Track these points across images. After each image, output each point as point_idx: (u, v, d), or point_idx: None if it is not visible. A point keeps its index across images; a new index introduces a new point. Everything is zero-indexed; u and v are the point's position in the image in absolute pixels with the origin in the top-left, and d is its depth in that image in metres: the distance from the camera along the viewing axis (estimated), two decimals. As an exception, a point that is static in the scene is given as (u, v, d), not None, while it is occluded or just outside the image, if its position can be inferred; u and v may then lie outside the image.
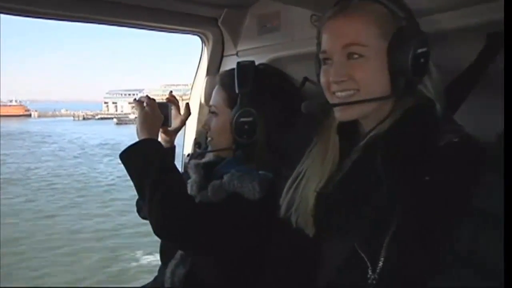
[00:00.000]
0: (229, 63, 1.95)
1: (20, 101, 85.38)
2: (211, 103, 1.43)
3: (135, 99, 1.37)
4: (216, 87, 1.42)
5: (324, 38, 0.97)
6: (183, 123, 1.48)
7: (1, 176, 16.82)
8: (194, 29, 1.97)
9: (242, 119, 1.29)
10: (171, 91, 1.48)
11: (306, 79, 1.59)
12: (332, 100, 0.97)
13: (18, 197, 14.52)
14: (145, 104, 1.33)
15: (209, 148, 1.48)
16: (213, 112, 1.41)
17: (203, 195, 1.31)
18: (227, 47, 2.01)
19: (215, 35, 1.99)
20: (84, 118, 73.31)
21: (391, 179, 0.84)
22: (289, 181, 1.07)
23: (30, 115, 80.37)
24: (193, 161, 1.47)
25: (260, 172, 1.28)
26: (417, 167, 0.84)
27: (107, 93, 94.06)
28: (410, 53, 0.89)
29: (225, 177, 1.28)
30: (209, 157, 1.49)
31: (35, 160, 23.03)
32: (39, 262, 8.95)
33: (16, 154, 25.04)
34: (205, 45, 2.03)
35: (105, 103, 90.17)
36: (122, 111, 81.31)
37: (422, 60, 0.91)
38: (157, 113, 1.33)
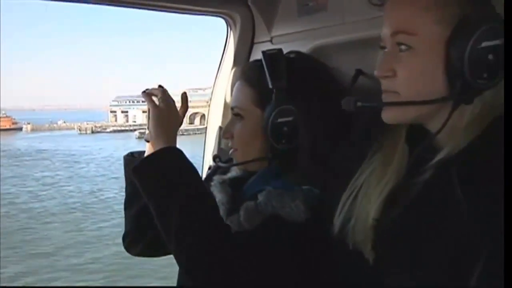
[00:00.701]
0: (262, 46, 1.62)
1: (4, 111, 73.35)
2: (233, 104, 1.22)
3: (144, 91, 1.13)
4: (238, 84, 1.22)
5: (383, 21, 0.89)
6: (181, 120, 1.20)
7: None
8: (218, 10, 1.71)
9: (280, 120, 1.11)
10: (184, 93, 1.18)
11: (359, 72, 1.35)
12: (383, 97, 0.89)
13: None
14: (159, 98, 1.13)
15: (234, 161, 1.23)
16: (236, 115, 1.20)
17: (234, 220, 1.12)
18: (258, 32, 1.72)
19: (244, 17, 1.71)
20: (92, 131, 61.71)
21: (474, 205, 0.75)
22: (345, 194, 0.97)
23: (21, 129, 67.31)
24: (217, 178, 1.24)
25: (303, 187, 1.09)
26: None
27: (114, 100, 78.88)
28: (475, 48, 0.79)
29: (260, 197, 1.09)
30: (235, 171, 1.28)
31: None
32: None
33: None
34: (231, 30, 1.76)
35: (112, 112, 74.38)
36: (134, 121, 67.12)
37: (490, 56, 0.80)
38: (174, 110, 1.14)
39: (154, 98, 1.13)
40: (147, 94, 1.13)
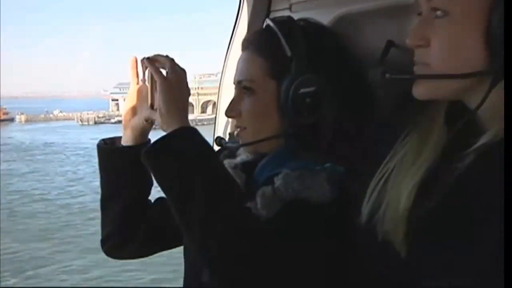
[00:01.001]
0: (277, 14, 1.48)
1: None
2: (240, 77, 1.09)
3: (146, 58, 1.02)
4: (245, 54, 1.10)
5: None
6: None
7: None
8: None
9: (302, 90, 1.00)
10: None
11: (391, 43, 1.16)
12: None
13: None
14: (167, 68, 0.99)
15: (241, 141, 1.10)
16: (246, 88, 1.06)
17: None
18: None
19: None
20: (95, 122, 57.83)
21: None
22: (374, 178, 0.88)
23: (12, 119, 63.21)
24: (227, 162, 1.11)
25: (326, 165, 0.99)
26: None
27: (115, 87, 73.92)
28: None
29: (278, 181, 0.98)
30: (244, 154, 1.15)
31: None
32: None
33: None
34: None
35: (114, 100, 68.93)
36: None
37: None
38: (186, 84, 1.02)
39: (162, 69, 1.00)
40: (152, 61, 1.00)
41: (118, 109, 66.75)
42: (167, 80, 0.97)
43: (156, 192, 1.12)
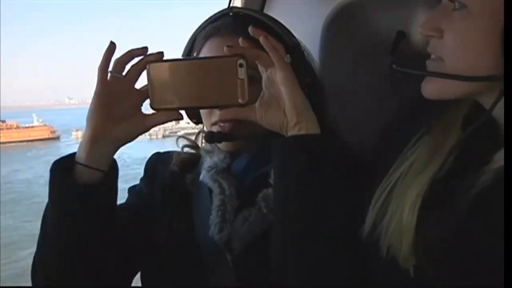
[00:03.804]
0: (276, 7, 1.34)
1: (41, 119, 59.05)
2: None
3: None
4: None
5: None
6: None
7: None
8: None
9: None
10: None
11: (401, 34, 1.08)
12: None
13: None
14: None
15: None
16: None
17: (252, 214, 0.92)
18: None
19: None
20: (163, 136, 52.64)
21: None
22: (380, 187, 0.82)
23: (58, 138, 55.84)
24: (213, 171, 0.98)
25: None
26: None
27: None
28: None
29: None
30: (217, 156, 1.00)
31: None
32: None
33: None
34: None
35: None
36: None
37: None
38: None
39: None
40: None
41: (178, 123, 63.63)
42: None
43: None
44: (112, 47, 0.81)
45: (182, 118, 0.85)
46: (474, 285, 0.67)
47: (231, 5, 1.51)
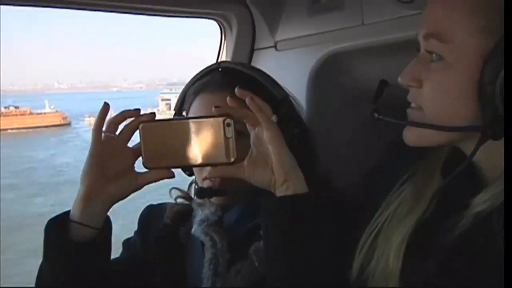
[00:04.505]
0: (264, 60, 1.39)
1: (53, 106, 57.93)
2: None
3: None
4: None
5: None
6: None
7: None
8: (209, 11, 1.44)
9: None
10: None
11: (384, 83, 1.10)
12: None
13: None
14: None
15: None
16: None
17: (244, 267, 0.92)
18: (259, 36, 1.46)
19: (242, 18, 1.44)
20: None
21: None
22: (366, 231, 0.84)
23: (69, 124, 54.63)
24: (204, 224, 0.99)
25: None
26: None
27: (166, 87, 64.51)
28: None
29: None
30: (208, 209, 1.01)
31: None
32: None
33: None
34: (225, 34, 1.50)
35: (164, 100, 57.63)
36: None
37: None
38: None
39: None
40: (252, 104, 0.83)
41: (169, 109, 59.92)
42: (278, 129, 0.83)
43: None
44: (106, 108, 0.83)
45: (174, 176, 0.87)
46: None
47: (219, 59, 1.55)
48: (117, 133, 0.84)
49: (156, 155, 0.83)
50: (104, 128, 0.82)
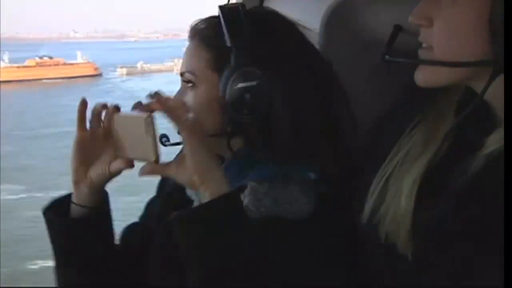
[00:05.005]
0: (275, 5, 1.33)
1: (86, 56, 55.55)
2: (182, 69, 0.98)
3: (152, 95, 0.89)
4: (190, 44, 0.98)
5: None
6: None
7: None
8: None
9: (240, 85, 0.87)
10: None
11: (398, 28, 1.07)
12: None
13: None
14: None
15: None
16: (188, 82, 0.95)
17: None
18: None
19: None
20: None
21: None
22: (377, 176, 0.84)
23: (100, 75, 53.70)
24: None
25: (294, 172, 0.89)
26: None
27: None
28: None
29: (245, 198, 0.87)
30: None
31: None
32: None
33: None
34: None
35: None
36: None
37: None
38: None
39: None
40: (164, 106, 0.84)
41: None
42: (194, 134, 0.83)
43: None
44: (84, 104, 0.91)
45: (133, 167, 0.90)
46: (472, 267, 0.69)
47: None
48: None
49: (117, 145, 0.89)
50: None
